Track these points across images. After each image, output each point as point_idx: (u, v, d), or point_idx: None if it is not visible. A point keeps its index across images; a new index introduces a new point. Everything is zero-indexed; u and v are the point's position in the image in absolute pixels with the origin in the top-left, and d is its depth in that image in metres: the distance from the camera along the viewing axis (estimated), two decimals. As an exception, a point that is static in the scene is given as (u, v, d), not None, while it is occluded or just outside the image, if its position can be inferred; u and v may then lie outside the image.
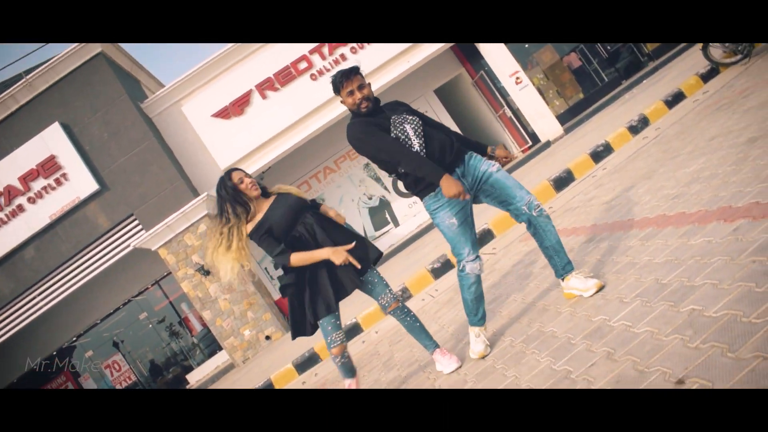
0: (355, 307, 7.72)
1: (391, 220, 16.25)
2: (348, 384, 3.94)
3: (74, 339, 14.85)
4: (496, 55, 14.17)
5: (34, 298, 12.74)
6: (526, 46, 15.18)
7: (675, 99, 8.48)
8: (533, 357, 3.02)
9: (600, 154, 8.12)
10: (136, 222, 12.56)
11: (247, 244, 3.63)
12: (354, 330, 7.19)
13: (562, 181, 7.89)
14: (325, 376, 6.23)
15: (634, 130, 8.24)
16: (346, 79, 3.37)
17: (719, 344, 2.01)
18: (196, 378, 14.51)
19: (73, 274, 12.68)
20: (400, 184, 10.90)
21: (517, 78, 14.13)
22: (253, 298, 12.11)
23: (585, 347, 2.70)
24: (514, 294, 4.41)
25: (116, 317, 15.16)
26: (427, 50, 13.63)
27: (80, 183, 12.34)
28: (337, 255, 3.44)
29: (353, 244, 3.56)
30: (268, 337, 12.06)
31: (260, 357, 11.21)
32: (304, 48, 13.20)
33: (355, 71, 3.41)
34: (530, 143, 15.48)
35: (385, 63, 13.37)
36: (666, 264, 3.00)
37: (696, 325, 2.23)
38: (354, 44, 13.37)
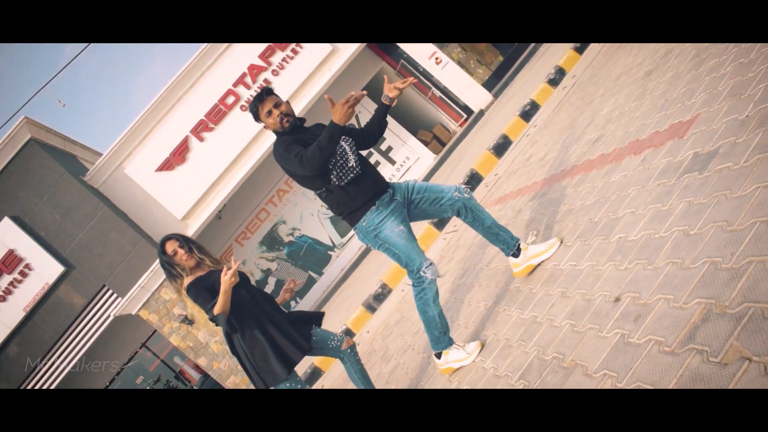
0: (341, 314, 8.06)
1: (354, 223, 16.57)
2: None
3: (79, 421, 14.84)
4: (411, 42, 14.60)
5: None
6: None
7: (583, 44, 9.00)
8: (505, 313, 3.41)
9: (529, 112, 8.57)
10: (111, 292, 12.66)
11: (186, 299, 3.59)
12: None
13: (501, 147, 8.33)
14: (331, 386, 6.56)
15: (554, 82, 8.73)
16: (260, 102, 3.37)
17: (640, 261, 2.42)
18: (208, 424, 14.63)
19: (62, 359, 12.72)
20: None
21: (437, 59, 14.56)
22: (243, 333, 12.33)
23: (544, 293, 3.10)
24: (479, 263, 4.81)
25: (113, 388, 15.20)
26: (345, 54, 13.97)
27: (45, 269, 12.38)
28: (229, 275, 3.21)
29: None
30: (267, 366, 12.28)
31: (265, 387, 11.46)
32: (227, 83, 13.43)
33: (267, 92, 3.41)
34: (465, 116, 15.97)
35: (309, 77, 13.67)
36: (595, 204, 3.43)
37: (623, 250, 2.64)
38: (275, 66, 13.65)
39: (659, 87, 4.09)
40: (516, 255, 3.49)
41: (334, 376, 6.73)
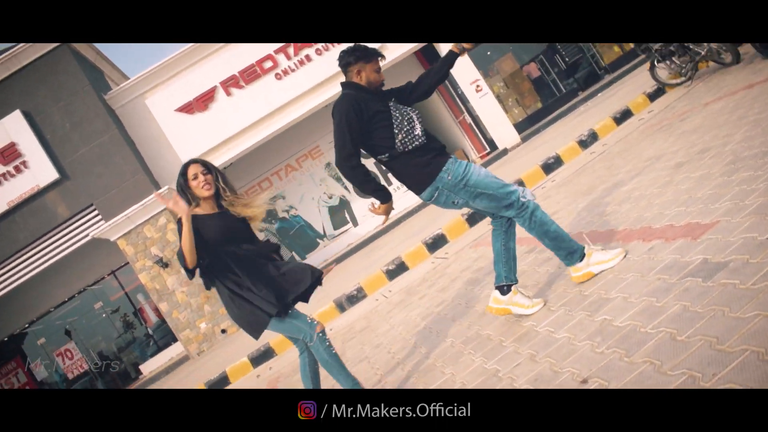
0: (311, 304, 7.95)
1: (350, 219, 16.54)
2: None
3: (26, 326, 14.78)
4: (458, 62, 14.46)
5: (-13, 284, 12.70)
6: (488, 53, 15.60)
7: (623, 116, 8.96)
8: (469, 357, 3.34)
9: (551, 165, 8.53)
10: (96, 212, 12.59)
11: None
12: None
13: (514, 191, 8.25)
14: (280, 371, 6.48)
15: (584, 144, 8.68)
16: (375, 56, 3.38)
17: (619, 350, 2.35)
18: (149, 369, 14.57)
19: (29, 261, 12.66)
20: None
21: (477, 86, 14.55)
22: (210, 291, 12.25)
23: (513, 349, 3.03)
24: (459, 299, 4.73)
25: (70, 305, 15.14)
26: (391, 55, 13.92)
27: (40, 171, 12.32)
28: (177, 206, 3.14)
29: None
30: (223, 331, 12.23)
31: (215, 350, 11.38)
32: (269, 47, 13.38)
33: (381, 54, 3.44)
34: (488, 149, 15.93)
35: (350, 65, 13.62)
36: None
37: (604, 333, 2.57)
38: (320, 46, 13.59)
39: (686, 181, 4.02)
40: (503, 291, 3.44)
41: (290, 360, 6.66)
